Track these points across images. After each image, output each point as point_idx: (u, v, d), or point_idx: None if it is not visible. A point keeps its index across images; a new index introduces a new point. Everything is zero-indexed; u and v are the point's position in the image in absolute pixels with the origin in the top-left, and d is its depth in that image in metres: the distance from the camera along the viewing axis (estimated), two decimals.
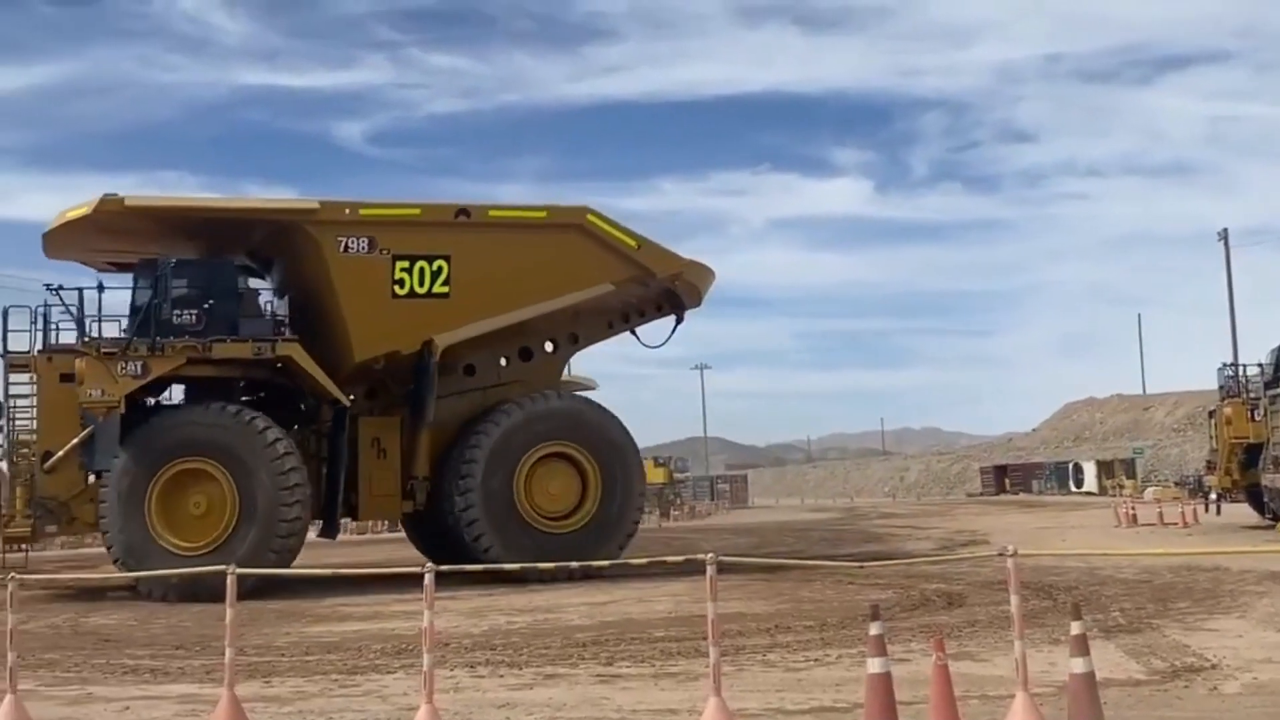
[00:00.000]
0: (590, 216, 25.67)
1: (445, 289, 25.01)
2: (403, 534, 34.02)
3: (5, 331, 24.54)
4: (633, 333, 29.06)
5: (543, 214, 26.12)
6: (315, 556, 31.73)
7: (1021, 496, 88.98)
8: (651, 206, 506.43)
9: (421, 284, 24.96)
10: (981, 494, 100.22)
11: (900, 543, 35.37)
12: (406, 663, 12.98)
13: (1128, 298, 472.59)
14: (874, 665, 8.31)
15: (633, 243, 25.88)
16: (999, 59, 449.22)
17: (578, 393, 29.19)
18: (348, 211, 25.14)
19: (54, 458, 23.89)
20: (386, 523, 40.07)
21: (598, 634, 15.26)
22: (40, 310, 24.41)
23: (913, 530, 42.20)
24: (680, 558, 10.90)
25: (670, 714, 9.52)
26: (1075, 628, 8.40)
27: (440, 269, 25.00)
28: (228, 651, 9.36)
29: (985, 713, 8.92)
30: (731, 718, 8.39)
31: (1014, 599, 8.32)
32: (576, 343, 28.12)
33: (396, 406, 25.99)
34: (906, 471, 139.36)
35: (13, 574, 10.40)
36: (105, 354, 23.10)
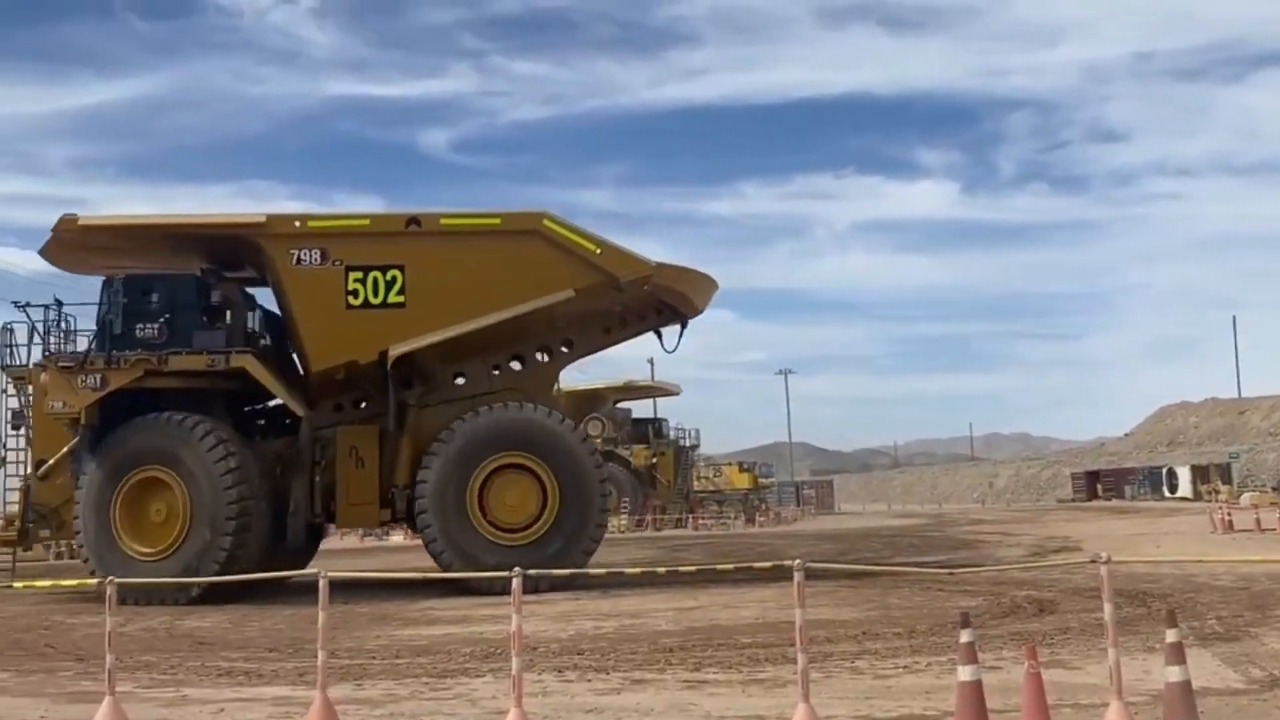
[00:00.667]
0: (547, 221, 25.36)
1: (401, 299, 25.18)
2: None
3: (12, 346, 26.12)
4: (657, 334, 28.72)
5: (498, 220, 25.96)
6: (400, 561, 32.07)
7: (1114, 502, 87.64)
8: (734, 210, 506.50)
9: (376, 294, 25.19)
10: (1073, 500, 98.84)
11: (990, 549, 34.96)
12: (495, 666, 13.08)
13: (1222, 299, 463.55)
14: (964, 673, 8.24)
15: (593, 247, 25.37)
16: (1087, 58, 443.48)
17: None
18: (297, 224, 25.59)
19: (45, 465, 25.38)
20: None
21: (684, 639, 15.25)
22: (40, 324, 25.53)
23: (1003, 537, 41.68)
24: (767, 564, 10.88)
25: None
26: (1171, 635, 8.26)
27: (395, 279, 25.18)
28: (320, 654, 9.50)
29: None
30: None
31: (1107, 606, 8.21)
32: (571, 349, 27.73)
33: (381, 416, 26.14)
34: (996, 477, 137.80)
35: (110, 578, 10.62)
36: (63, 368, 24.35)
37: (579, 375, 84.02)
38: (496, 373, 26.82)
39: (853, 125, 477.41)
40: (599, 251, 25.26)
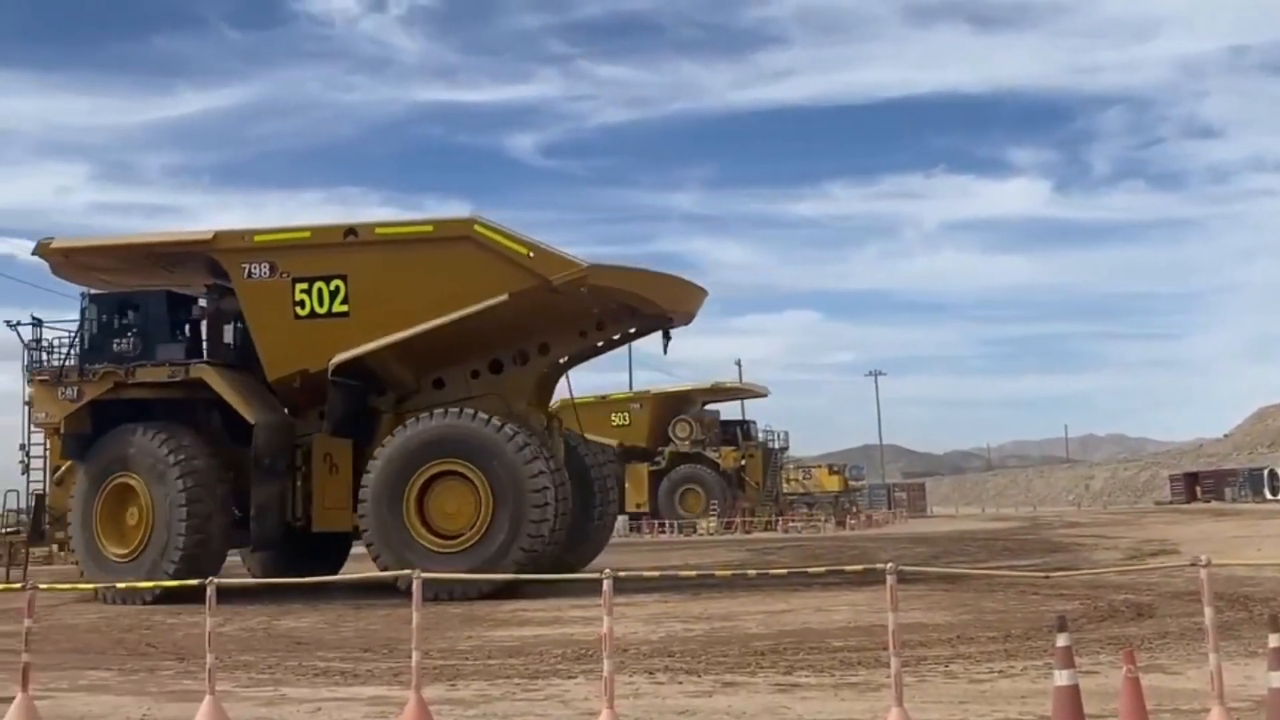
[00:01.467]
0: (478, 227, 25.44)
1: (345, 308, 25.82)
2: None
3: (42, 352, 27.50)
4: (666, 335, 28.87)
5: (429, 228, 26.24)
6: None
7: (1213, 504, 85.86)
8: (821, 211, 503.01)
9: (321, 304, 25.91)
10: (1171, 502, 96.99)
11: (1086, 552, 34.41)
12: (587, 668, 13.13)
13: None
14: (1061, 677, 8.13)
15: (524, 250, 25.31)
16: (1181, 52, 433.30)
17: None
18: (244, 239, 26.47)
19: (60, 471, 27.10)
20: None
21: (776, 642, 15.20)
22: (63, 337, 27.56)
23: (1099, 540, 41.00)
24: (859, 566, 10.81)
25: None
26: (1274, 640, 8.08)
27: (338, 289, 25.83)
28: (414, 655, 9.61)
29: None
30: None
31: (1208, 610, 8.06)
32: (547, 354, 27.59)
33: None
34: (1091, 479, 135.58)
35: (211, 579, 10.82)
36: (42, 381, 26.56)
37: (665, 378, 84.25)
38: (475, 379, 27.09)
39: (941, 124, 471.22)
40: (530, 254, 25.28)
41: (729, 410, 78.83)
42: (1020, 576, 21.65)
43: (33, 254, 27.17)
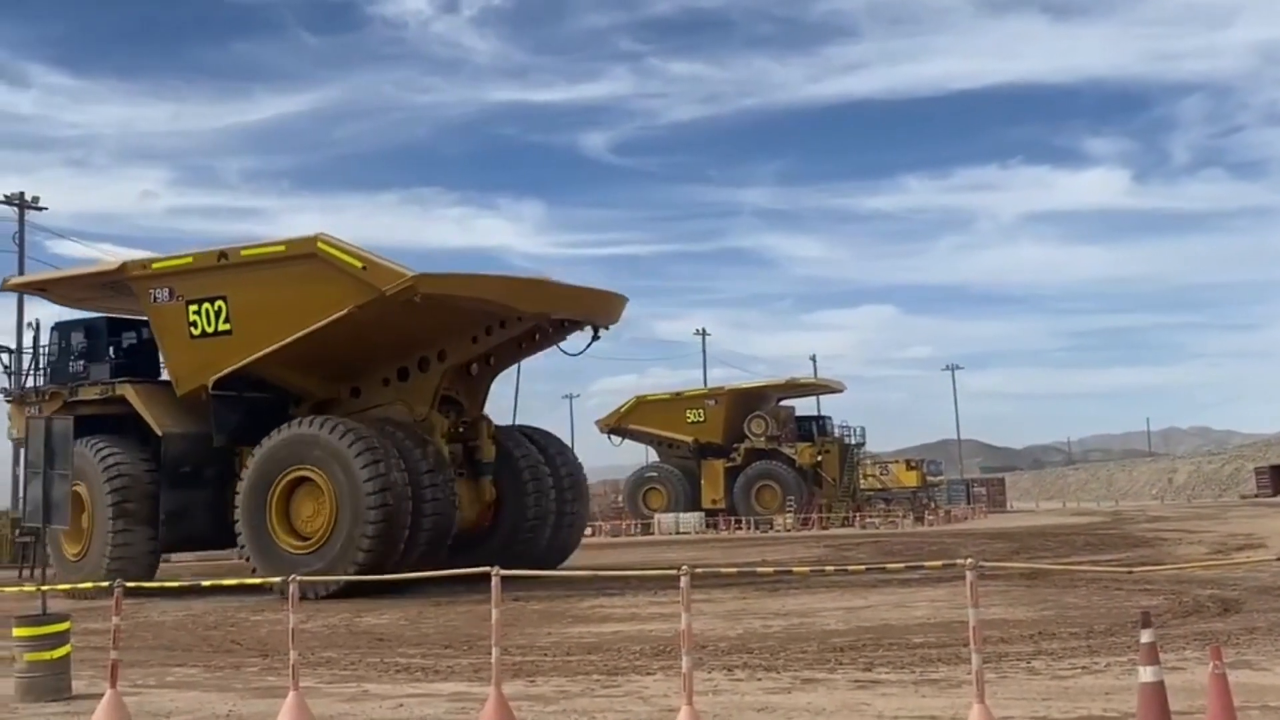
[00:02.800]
0: (321, 244, 26.34)
1: (228, 326, 27.58)
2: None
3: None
4: (595, 336, 31.30)
5: (282, 248, 27.25)
6: (570, 559, 32.44)
7: None
8: (895, 205, 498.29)
9: (210, 324, 27.78)
10: (1257, 495, 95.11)
11: (1169, 547, 33.88)
12: (665, 664, 13.16)
13: None
14: (1146, 674, 8.02)
15: (358, 263, 26.17)
16: (1262, 38, 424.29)
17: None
18: (145, 267, 28.69)
19: None
20: None
21: (855, 639, 15.14)
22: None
23: (1183, 534, 40.35)
24: (938, 562, 10.73)
25: None
26: None
27: (220, 309, 27.64)
28: (494, 651, 9.69)
29: None
30: None
31: None
32: (445, 360, 28.69)
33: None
34: (1175, 473, 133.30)
35: (293, 575, 10.98)
36: (12, 401, 30.91)
37: (741, 374, 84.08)
38: (387, 386, 28.74)
39: (1016, 115, 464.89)
40: (363, 267, 26.21)
41: (804, 406, 78.64)
42: (1103, 572, 21.34)
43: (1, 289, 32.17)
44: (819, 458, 69.01)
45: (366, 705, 11.36)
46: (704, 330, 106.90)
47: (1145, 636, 8.15)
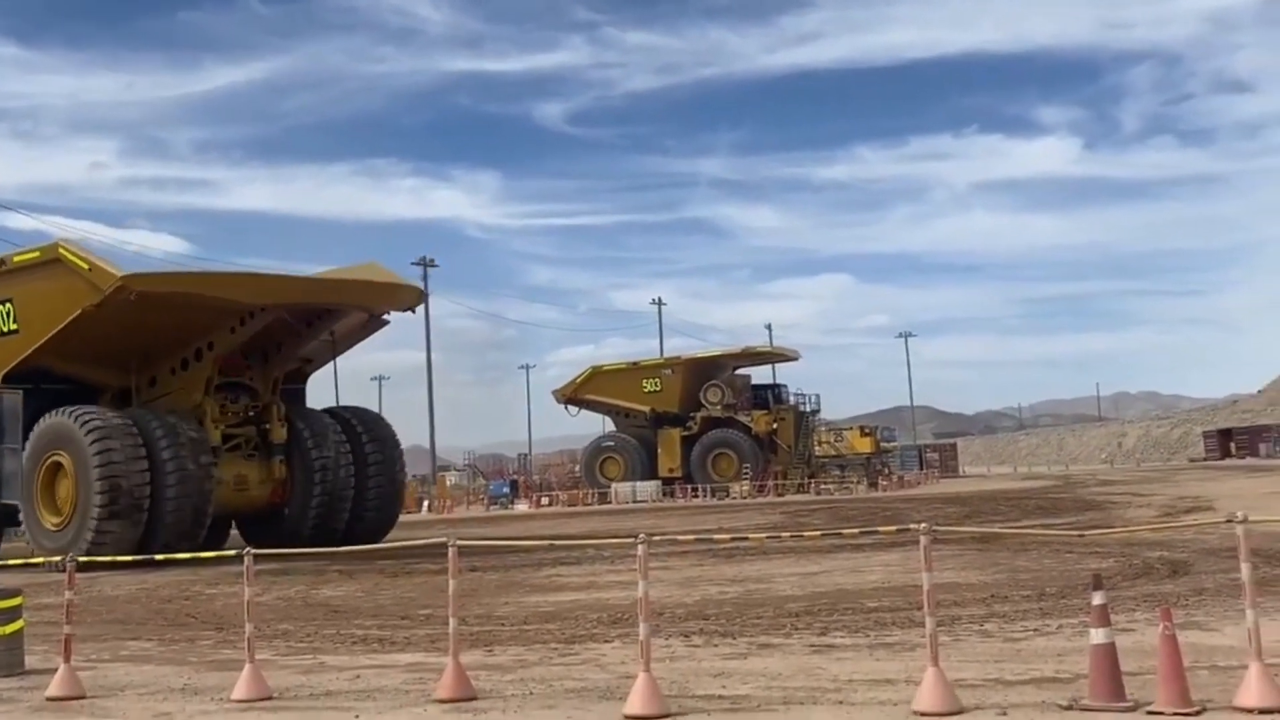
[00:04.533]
0: (60, 250, 29.44)
1: (15, 326, 30.53)
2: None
3: None
4: (377, 324, 35.01)
5: (38, 254, 30.16)
6: (528, 529, 32.46)
7: (1248, 461, 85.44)
8: (851, 175, 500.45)
9: (4, 324, 30.78)
10: (1205, 459, 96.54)
11: (1119, 510, 34.32)
12: (622, 632, 13.21)
13: None
14: (1097, 635, 8.13)
15: (85, 266, 28.76)
16: (1211, 6, 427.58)
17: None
18: None
19: None
20: None
21: (810, 604, 15.24)
22: None
23: (1132, 498, 40.88)
24: (892, 528, 10.81)
25: (888, 684, 9.46)
26: None
27: (9, 310, 30.63)
28: (451, 622, 9.69)
29: (1216, 684, 8.62)
30: (950, 688, 8.32)
31: (1244, 566, 8.04)
32: (214, 349, 31.21)
33: None
34: (1124, 437, 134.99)
35: (248, 549, 10.93)
36: None
37: (699, 344, 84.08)
38: (174, 375, 31.43)
39: (969, 85, 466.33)
40: (89, 269, 28.87)
41: (760, 375, 78.91)
42: (1054, 535, 21.57)
43: None
44: (774, 425, 69.33)
45: (323, 677, 11.32)
46: (660, 300, 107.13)
47: (1096, 598, 8.26)
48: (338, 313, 32.71)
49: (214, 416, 31.06)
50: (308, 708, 9.71)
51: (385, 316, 35.37)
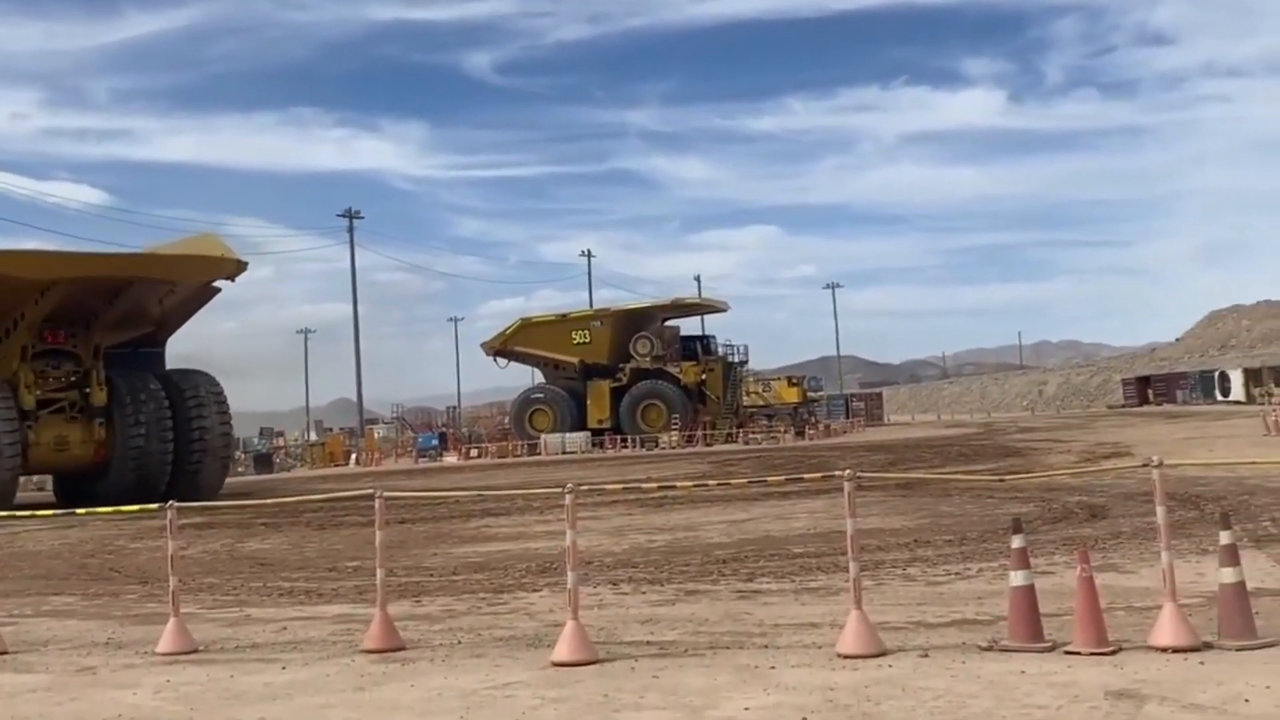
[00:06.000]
0: None
1: None
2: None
3: None
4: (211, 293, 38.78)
5: None
6: (456, 480, 32.41)
7: (1165, 407, 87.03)
8: (781, 126, 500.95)
9: None
10: (1124, 406, 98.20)
11: (1040, 456, 34.90)
12: (551, 581, 13.25)
13: (1274, 201, 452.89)
14: (1017, 578, 8.30)
15: None
16: None
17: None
18: None
19: None
20: None
21: (737, 551, 15.39)
22: None
23: (1052, 444, 41.58)
24: (817, 475, 10.92)
25: (812, 628, 9.59)
26: (1224, 537, 8.27)
27: None
28: (379, 573, 9.68)
29: (1132, 624, 8.83)
30: (873, 631, 8.45)
31: (1160, 509, 8.22)
32: (25, 320, 34.51)
33: None
34: (1045, 385, 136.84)
35: (171, 503, 10.83)
36: None
37: (627, 295, 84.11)
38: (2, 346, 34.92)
39: (897, 36, 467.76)
40: None
41: (689, 326, 79.09)
42: (975, 481, 21.93)
43: None
44: (703, 376, 69.58)
45: (249, 629, 11.27)
46: (590, 252, 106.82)
47: (1016, 542, 8.42)
48: (146, 284, 35.20)
49: (27, 383, 34.39)
50: (234, 660, 9.67)
51: (216, 285, 38.35)
